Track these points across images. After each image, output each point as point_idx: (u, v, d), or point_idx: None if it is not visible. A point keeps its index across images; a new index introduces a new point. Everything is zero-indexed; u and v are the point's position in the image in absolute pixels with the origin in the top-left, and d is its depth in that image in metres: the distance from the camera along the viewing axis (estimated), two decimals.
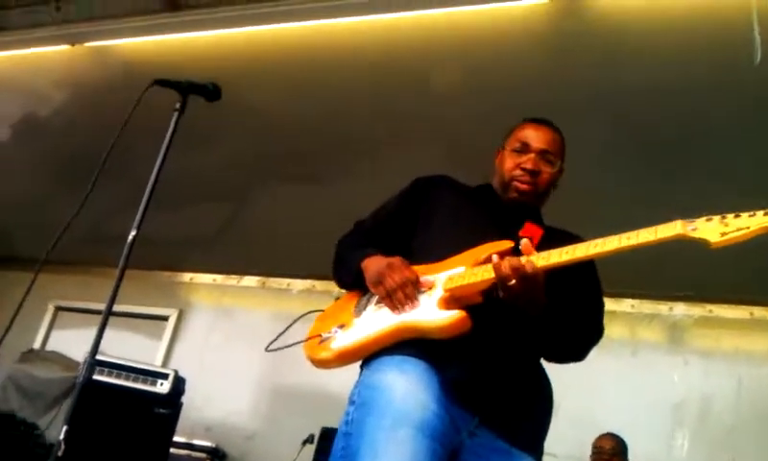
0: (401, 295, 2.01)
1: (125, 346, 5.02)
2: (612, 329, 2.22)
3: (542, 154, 2.24)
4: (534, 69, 3.47)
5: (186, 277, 5.86)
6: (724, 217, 1.61)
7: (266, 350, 2.21)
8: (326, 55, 4.09)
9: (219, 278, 5.77)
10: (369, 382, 1.97)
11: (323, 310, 2.32)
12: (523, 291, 1.83)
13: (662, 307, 4.64)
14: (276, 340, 2.19)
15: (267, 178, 4.98)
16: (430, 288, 2.02)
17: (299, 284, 5.47)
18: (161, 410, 4.24)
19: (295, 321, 2.27)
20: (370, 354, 2.02)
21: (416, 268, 2.09)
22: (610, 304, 4.29)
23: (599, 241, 1.78)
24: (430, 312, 1.96)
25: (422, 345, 1.96)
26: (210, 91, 2.39)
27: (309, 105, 4.38)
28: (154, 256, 5.33)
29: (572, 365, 2.14)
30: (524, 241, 1.87)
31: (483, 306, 1.94)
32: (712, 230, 1.60)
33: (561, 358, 2.14)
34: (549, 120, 2.36)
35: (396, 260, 2.08)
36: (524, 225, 2.21)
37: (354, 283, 2.23)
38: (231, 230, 5.33)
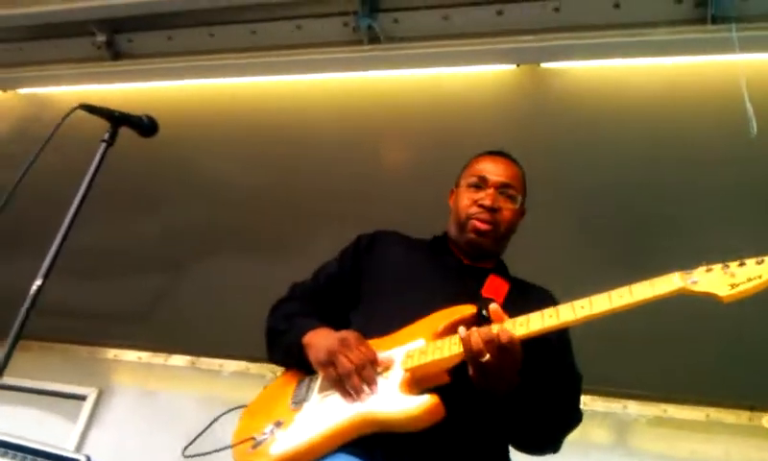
0: (357, 380, 1.65)
1: (35, 426, 4.82)
2: None
3: (502, 188, 2.02)
4: (500, 137, 3.36)
5: (110, 353, 5.40)
6: (726, 266, 1.47)
7: (183, 455, 1.83)
8: (280, 118, 3.90)
9: (145, 355, 5.32)
10: None
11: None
12: (499, 367, 1.54)
13: (616, 406, 4.40)
14: (194, 441, 1.83)
15: (204, 250, 4.71)
16: (387, 369, 1.69)
17: (231, 365, 5.05)
18: None
19: (218, 418, 1.92)
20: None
21: (377, 340, 1.78)
22: None
23: (585, 302, 1.55)
24: (393, 400, 1.61)
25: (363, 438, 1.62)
26: (145, 125, 2.11)
27: (255, 173, 4.18)
28: (74, 329, 5.00)
29: None
30: (493, 306, 1.60)
31: (447, 387, 1.64)
32: (718, 282, 1.45)
33: (534, 447, 1.85)
34: (507, 153, 2.12)
35: (350, 335, 1.74)
36: (488, 278, 1.94)
37: (294, 363, 1.88)
38: (162, 305, 5.00)
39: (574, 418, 1.90)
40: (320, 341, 1.80)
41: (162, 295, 5.00)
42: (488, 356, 1.55)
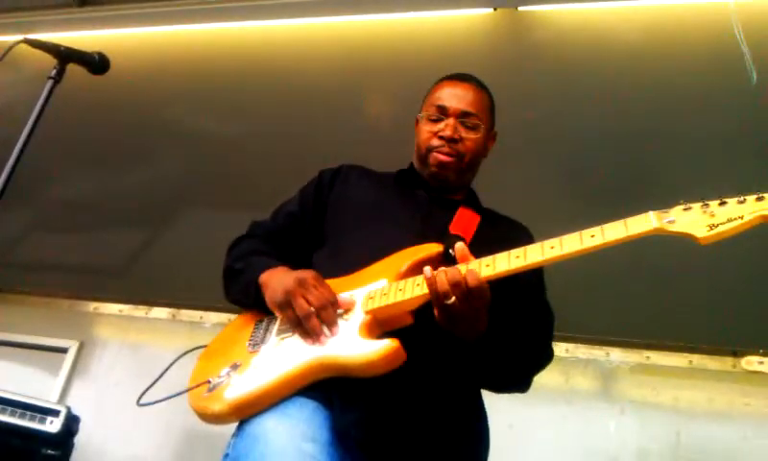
0: (316, 322, 1.59)
1: (16, 379, 4.73)
2: (545, 375, 1.91)
3: (462, 117, 1.92)
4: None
5: (90, 306, 5.33)
6: (706, 205, 1.38)
7: (138, 404, 1.77)
8: (258, 65, 3.82)
9: (126, 308, 5.26)
10: (245, 430, 1.55)
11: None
12: (466, 310, 1.47)
13: (598, 352, 4.40)
14: (150, 388, 1.77)
15: (184, 202, 4.64)
16: (348, 310, 1.62)
17: (212, 317, 5.01)
18: (50, 451, 3.80)
19: (175, 361, 1.84)
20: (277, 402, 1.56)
21: (338, 279, 1.72)
22: None
23: (555, 241, 1.46)
24: (353, 343, 1.55)
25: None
26: (95, 62, 2.00)
27: (232, 123, 4.11)
28: (54, 282, 4.96)
29: (504, 410, 1.81)
30: (458, 245, 1.52)
31: (410, 329, 1.57)
32: (696, 222, 1.36)
33: (502, 388, 1.80)
34: (471, 75, 2.02)
35: (309, 275, 1.67)
36: (457, 211, 1.86)
37: (251, 303, 1.80)
38: (142, 257, 4.95)
39: (544, 356, 1.85)
40: (277, 281, 1.73)
41: (143, 247, 4.96)
42: (453, 299, 1.48)
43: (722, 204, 1.38)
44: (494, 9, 3.25)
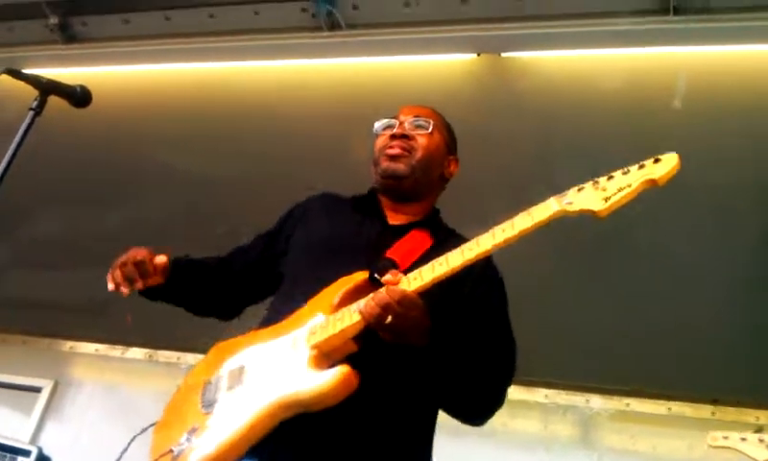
0: (119, 273, 1.92)
1: None
2: (524, 422, 1.90)
3: (411, 120, 2.01)
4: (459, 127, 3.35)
5: (66, 345, 5.29)
6: (596, 182, 1.51)
7: None
8: (241, 105, 3.85)
9: (102, 347, 5.23)
10: None
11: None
12: (403, 322, 1.54)
13: (578, 399, 4.38)
14: None
15: (163, 242, 4.59)
16: (293, 347, 1.67)
17: (190, 359, 4.93)
18: None
19: (132, 440, 1.89)
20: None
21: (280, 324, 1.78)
22: (522, 394, 4.11)
23: (472, 243, 1.57)
24: (305, 378, 1.58)
25: None
26: (77, 95, 2.00)
27: (215, 163, 4.10)
28: (30, 320, 4.89)
29: (482, 455, 1.81)
30: (386, 277, 1.59)
31: (358, 355, 1.62)
32: (592, 198, 1.48)
33: (464, 408, 1.78)
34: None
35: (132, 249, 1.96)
36: (407, 234, 1.90)
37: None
38: (119, 297, 4.89)
39: (506, 373, 1.84)
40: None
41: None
42: (389, 318, 1.54)
43: (610, 178, 1.50)
44: (478, 54, 3.29)
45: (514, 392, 4.03)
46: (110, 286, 1.96)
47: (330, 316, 1.67)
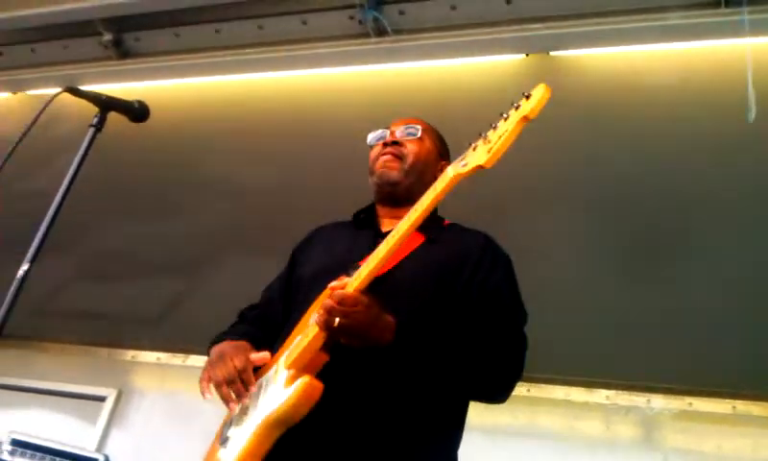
0: (225, 390, 1.79)
1: (56, 428, 4.78)
2: (586, 423, 1.89)
3: (402, 129, 2.09)
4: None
5: (128, 354, 5.39)
6: (484, 136, 1.54)
7: None
8: (290, 114, 3.88)
9: (163, 356, 5.31)
10: None
11: None
12: (355, 324, 1.59)
13: (639, 399, 4.31)
14: None
15: (224, 250, 4.68)
16: (276, 372, 1.78)
17: None
18: None
19: None
20: None
21: (274, 356, 1.86)
22: (583, 395, 4.06)
23: (394, 231, 1.64)
24: (280, 395, 1.69)
25: None
26: (135, 110, 2.06)
27: (267, 172, 4.14)
28: (93, 330, 5.00)
29: (545, 458, 1.81)
30: (332, 284, 1.68)
31: (333, 364, 1.71)
32: (480, 154, 1.51)
33: (483, 391, 1.82)
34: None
35: (229, 348, 1.86)
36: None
37: None
38: (180, 305, 4.99)
39: (512, 357, 1.82)
40: (213, 353, 1.94)
41: (180, 296, 5.00)
42: (337, 320, 1.59)
43: (494, 128, 1.54)
44: (526, 54, 3.27)
45: (575, 394, 4.04)
46: (208, 396, 1.86)
47: (304, 335, 1.76)
